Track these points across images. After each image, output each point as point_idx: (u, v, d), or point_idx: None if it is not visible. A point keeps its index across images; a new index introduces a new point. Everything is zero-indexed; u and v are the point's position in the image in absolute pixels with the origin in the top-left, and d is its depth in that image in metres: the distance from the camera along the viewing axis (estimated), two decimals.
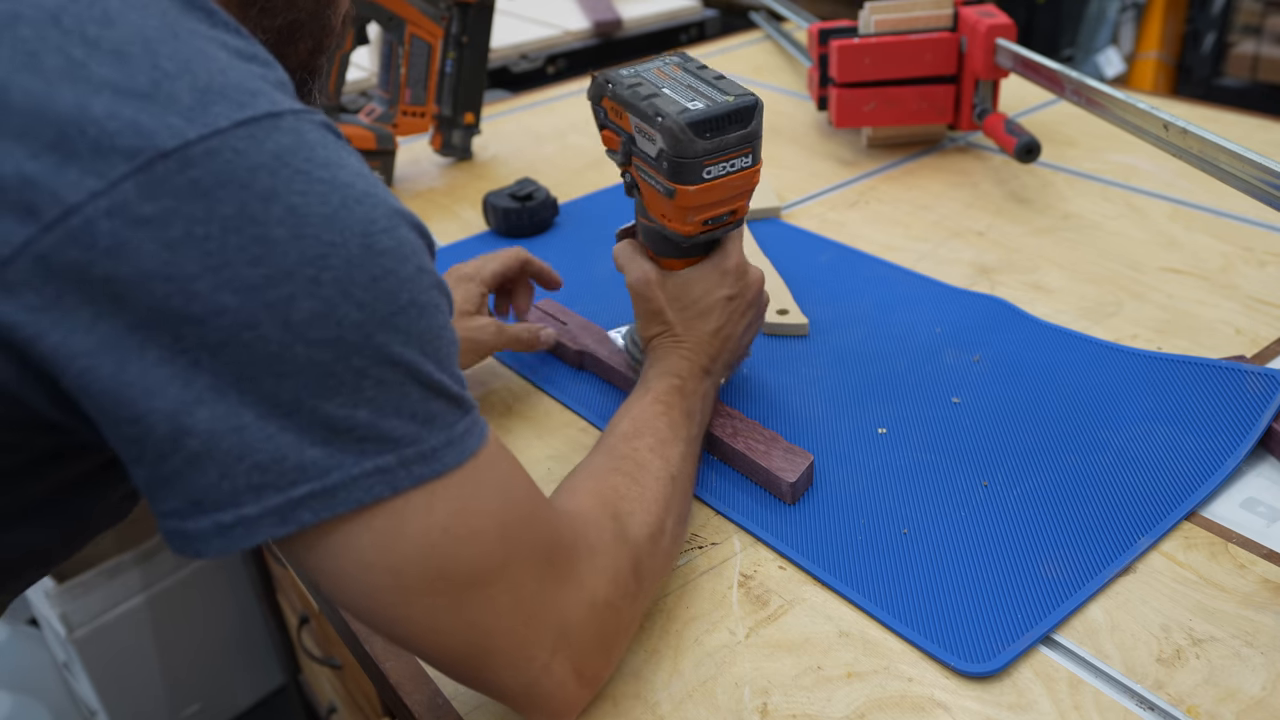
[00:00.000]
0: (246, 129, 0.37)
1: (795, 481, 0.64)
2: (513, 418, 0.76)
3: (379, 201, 0.40)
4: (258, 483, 0.38)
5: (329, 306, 0.38)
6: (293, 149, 0.38)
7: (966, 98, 1.12)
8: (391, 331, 0.39)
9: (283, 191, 0.37)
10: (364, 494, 0.39)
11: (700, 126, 0.58)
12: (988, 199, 1.05)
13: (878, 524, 0.63)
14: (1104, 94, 0.90)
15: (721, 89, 0.61)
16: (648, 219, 0.67)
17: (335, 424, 0.38)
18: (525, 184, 1.05)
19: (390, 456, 0.40)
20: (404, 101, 1.14)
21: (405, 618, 0.42)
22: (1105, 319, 0.83)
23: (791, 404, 0.75)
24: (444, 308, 0.43)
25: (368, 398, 0.39)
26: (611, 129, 0.65)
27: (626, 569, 0.50)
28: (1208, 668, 0.52)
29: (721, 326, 0.67)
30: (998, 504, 0.64)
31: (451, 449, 0.42)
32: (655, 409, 0.61)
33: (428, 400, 0.41)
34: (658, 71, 0.64)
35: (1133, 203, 1.02)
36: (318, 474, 0.38)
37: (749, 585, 0.59)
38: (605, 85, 0.64)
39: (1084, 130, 1.19)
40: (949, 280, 0.90)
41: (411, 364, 0.40)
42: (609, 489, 0.54)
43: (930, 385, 0.76)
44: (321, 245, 0.38)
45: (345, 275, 0.38)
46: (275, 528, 0.38)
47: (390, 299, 0.39)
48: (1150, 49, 2.61)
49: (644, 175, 0.64)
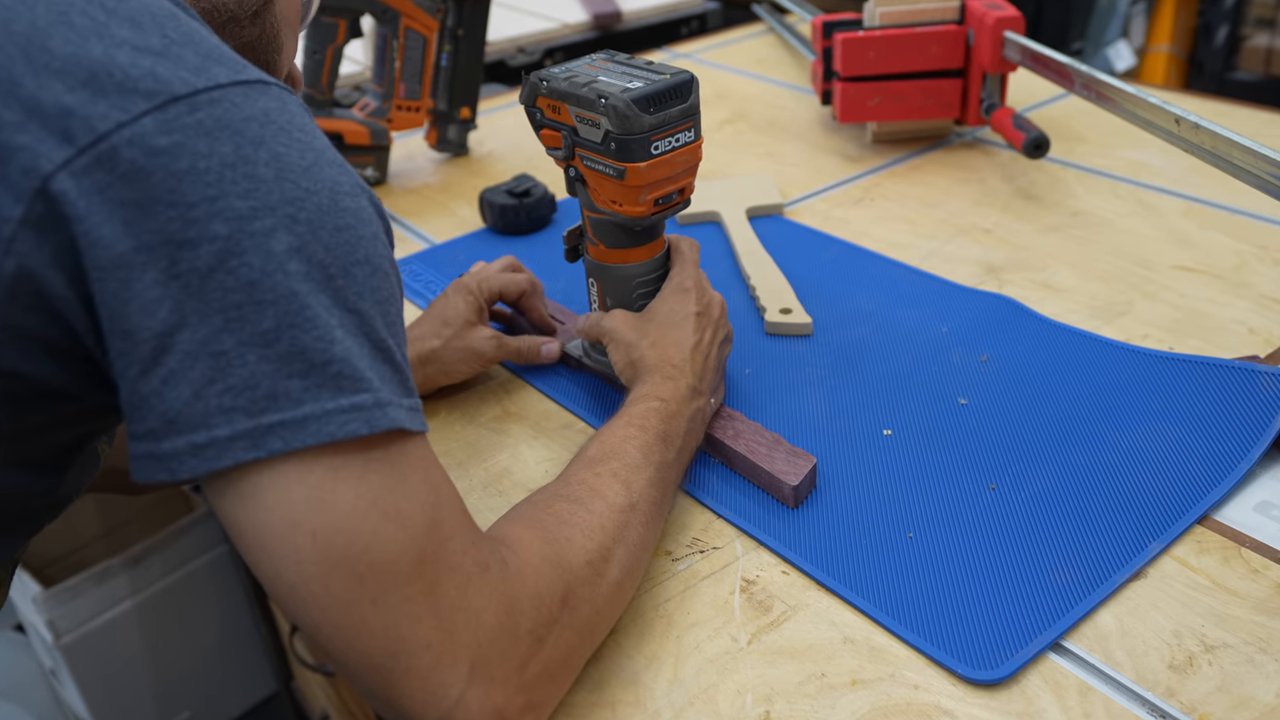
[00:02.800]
0: (242, 89, 0.44)
1: (798, 485, 0.64)
2: (509, 419, 0.76)
3: (346, 171, 0.46)
4: (229, 405, 0.41)
5: (303, 242, 0.42)
6: (279, 110, 0.44)
7: (974, 92, 1.12)
8: (349, 278, 0.43)
9: (270, 141, 0.43)
10: (338, 429, 0.42)
11: (644, 102, 0.61)
12: (995, 196, 1.05)
13: (883, 528, 0.63)
14: (1114, 88, 0.90)
15: (655, 70, 0.64)
16: (596, 211, 0.68)
17: (312, 356, 0.42)
18: (522, 180, 1.05)
19: (367, 395, 0.43)
20: (399, 96, 1.14)
21: (323, 603, 0.43)
22: (1116, 318, 0.83)
23: (795, 405, 0.75)
24: (395, 283, 0.47)
25: (338, 337, 0.43)
26: (550, 126, 0.67)
27: (554, 596, 0.49)
28: (1220, 675, 0.52)
29: (699, 342, 0.68)
30: (1005, 507, 0.64)
31: (396, 410, 0.44)
32: (626, 432, 0.60)
33: (376, 359, 0.44)
34: (588, 66, 0.67)
35: (1144, 199, 1.02)
36: (290, 405, 0.41)
37: (751, 590, 0.59)
38: (540, 84, 0.66)
39: (1094, 125, 1.19)
40: (956, 279, 0.90)
41: (364, 315, 0.44)
42: (549, 515, 0.53)
43: (937, 386, 0.76)
44: (299, 190, 0.43)
45: (316, 219, 0.43)
46: (245, 451, 0.41)
47: (350, 249, 0.44)
48: (1161, 42, 2.61)
49: (590, 164, 0.66)
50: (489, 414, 0.77)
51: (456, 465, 0.71)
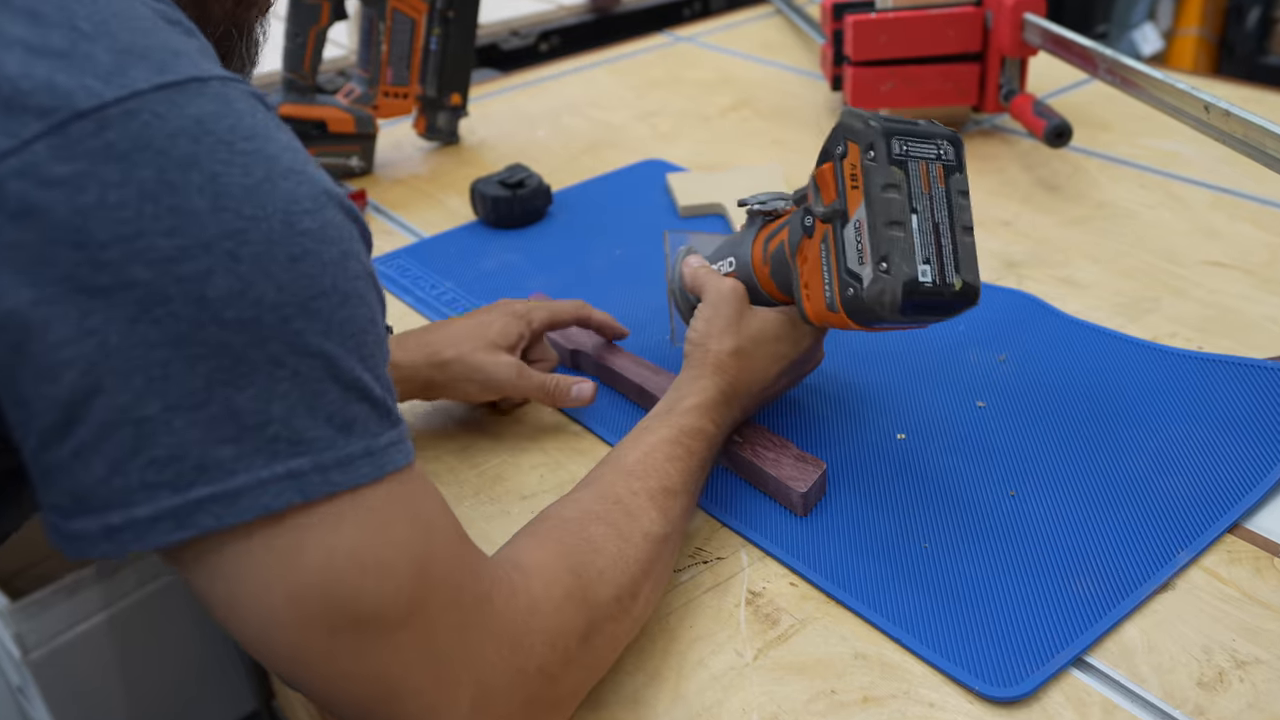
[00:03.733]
0: (167, 93, 0.38)
1: (807, 491, 0.64)
2: (502, 422, 0.76)
3: (306, 179, 0.40)
4: (153, 481, 0.37)
5: (246, 284, 0.38)
6: (217, 116, 0.38)
7: (992, 77, 1.12)
8: (309, 317, 0.39)
9: (204, 160, 0.37)
10: (272, 500, 0.38)
11: (911, 304, 0.55)
12: (1015, 186, 1.05)
13: (896, 537, 0.63)
14: (1140, 73, 0.90)
15: (960, 256, 0.56)
16: (791, 261, 0.63)
17: (245, 419, 0.38)
18: (516, 170, 1.05)
19: (304, 460, 0.39)
20: (385, 81, 1.14)
21: (303, 658, 0.41)
22: (1142, 316, 0.83)
23: (803, 408, 0.75)
24: (372, 301, 0.42)
25: (282, 392, 0.39)
26: (835, 178, 0.59)
27: (573, 635, 0.48)
28: (1252, 692, 0.52)
29: (769, 385, 0.67)
30: (1025, 515, 0.64)
31: (369, 461, 0.41)
32: (673, 451, 0.59)
33: (347, 402, 0.40)
34: (923, 173, 0.57)
35: (1172, 190, 1.02)
36: (222, 475, 0.38)
37: (757, 603, 0.59)
38: (868, 145, 0.57)
39: (1119, 112, 1.19)
40: None
41: (331, 357, 0.40)
42: (581, 540, 0.51)
43: (953, 387, 0.76)
44: (241, 219, 0.38)
45: (264, 252, 0.38)
46: (170, 533, 0.38)
47: (309, 282, 0.39)
48: (1190, 25, 2.61)
49: (823, 255, 0.59)
50: (482, 417, 0.77)
51: (447, 470, 0.71)
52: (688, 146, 1.21)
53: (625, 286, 0.90)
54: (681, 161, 1.16)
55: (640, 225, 1.02)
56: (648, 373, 0.76)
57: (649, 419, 0.63)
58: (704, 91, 1.37)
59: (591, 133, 1.27)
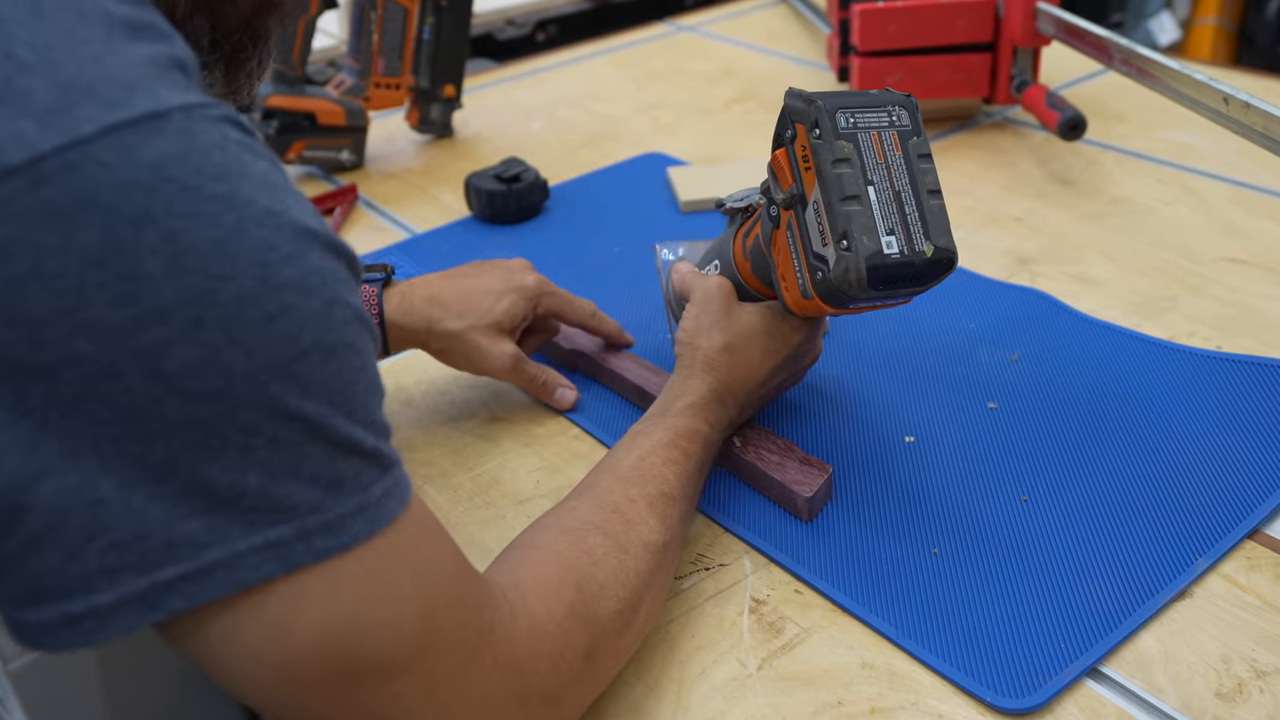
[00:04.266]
0: (119, 136, 0.34)
1: (813, 496, 0.64)
2: (496, 424, 0.76)
3: (284, 221, 0.37)
4: (113, 565, 0.35)
5: (212, 354, 0.35)
6: (179, 158, 0.35)
7: (1004, 68, 1.12)
8: (289, 381, 0.37)
9: (160, 214, 0.34)
10: (250, 574, 0.37)
11: (879, 277, 0.55)
12: (1027, 181, 1.05)
13: (904, 543, 0.63)
14: (1157, 64, 0.90)
15: (928, 221, 0.56)
16: (767, 252, 0.64)
17: (217, 491, 0.36)
18: (512, 164, 1.05)
19: (286, 528, 0.37)
20: (377, 72, 1.14)
21: (298, 712, 0.40)
22: (1159, 314, 0.83)
23: (808, 409, 0.75)
24: (362, 346, 0.40)
25: (259, 459, 0.36)
26: (790, 164, 0.60)
27: (576, 653, 0.48)
28: (1273, 703, 0.52)
29: (764, 381, 0.67)
30: (1038, 520, 0.64)
31: (363, 516, 0.39)
32: (669, 454, 0.59)
33: (334, 460, 0.38)
34: (875, 142, 0.56)
35: (1189, 185, 1.02)
36: (191, 551, 0.36)
37: (761, 611, 0.59)
38: (813, 124, 0.57)
39: (1135, 104, 1.19)
40: (984, 272, 0.90)
41: (315, 418, 0.37)
42: (581, 553, 0.51)
43: (963, 388, 0.76)
44: (207, 279, 0.35)
45: (235, 315, 0.35)
46: (136, 616, 0.36)
47: (289, 343, 0.36)
48: (1208, 14, 2.61)
49: (790, 243, 0.60)
50: (476, 418, 0.77)
51: (440, 475, 0.71)
52: (689, 140, 1.21)
53: (624, 284, 0.90)
54: (683, 155, 1.16)
55: (640, 221, 1.02)
56: (649, 374, 0.76)
57: (643, 421, 0.63)
58: (706, 83, 1.37)
59: (590, 125, 1.27)
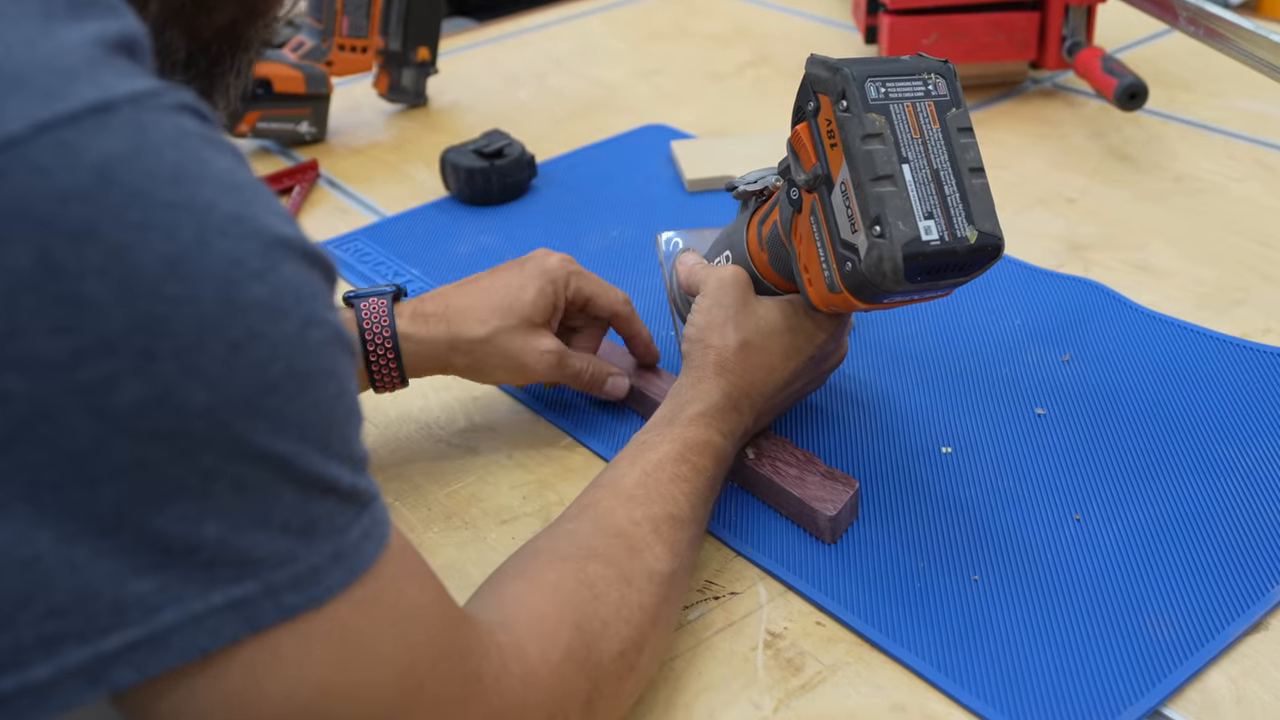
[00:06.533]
0: (55, 134, 0.33)
1: (836, 515, 0.64)
2: (476, 432, 0.76)
3: (251, 230, 0.36)
4: (51, 634, 0.34)
5: (165, 389, 0.34)
6: (128, 158, 0.33)
7: (1054, 28, 1.12)
8: (257, 417, 0.36)
9: (106, 227, 0.33)
10: (209, 639, 0.36)
11: (917, 268, 0.54)
12: (1080, 156, 1.05)
13: (941, 568, 0.63)
14: (1227, 23, 0.90)
15: (970, 203, 0.55)
16: (787, 240, 0.63)
17: (171, 544, 0.35)
18: (494, 138, 1.05)
19: (251, 584, 0.36)
20: (340, 33, 1.14)
21: None
22: (1229, 309, 0.83)
23: (831, 416, 0.75)
24: (341, 369, 0.39)
25: (220, 507, 0.35)
26: (814, 140, 0.59)
27: (575, 702, 0.48)
28: None
29: (784, 386, 0.67)
30: (1092, 542, 0.64)
31: (338, 566, 0.39)
32: (678, 470, 0.59)
33: (307, 502, 0.38)
34: (910, 115, 0.56)
35: (1263, 160, 1.02)
36: (142, 614, 0.35)
37: (778, 646, 0.59)
38: (839, 94, 0.56)
39: (1202, 70, 1.19)
40: (1031, 260, 0.90)
41: (285, 457, 0.37)
42: (579, 585, 0.51)
43: (1007, 393, 0.76)
44: (161, 303, 0.33)
45: (192, 344, 0.34)
46: (78, 693, 0.35)
47: (257, 373, 0.35)
48: None
49: (814, 230, 0.60)
50: (453, 427, 0.77)
51: (412, 490, 0.71)
52: (696, 110, 1.21)
53: (622, 273, 0.90)
54: (689, 128, 1.16)
55: (640, 203, 1.02)
56: (650, 375, 0.76)
57: (647, 431, 0.63)
58: (716, 45, 1.37)
59: (583, 93, 1.27)
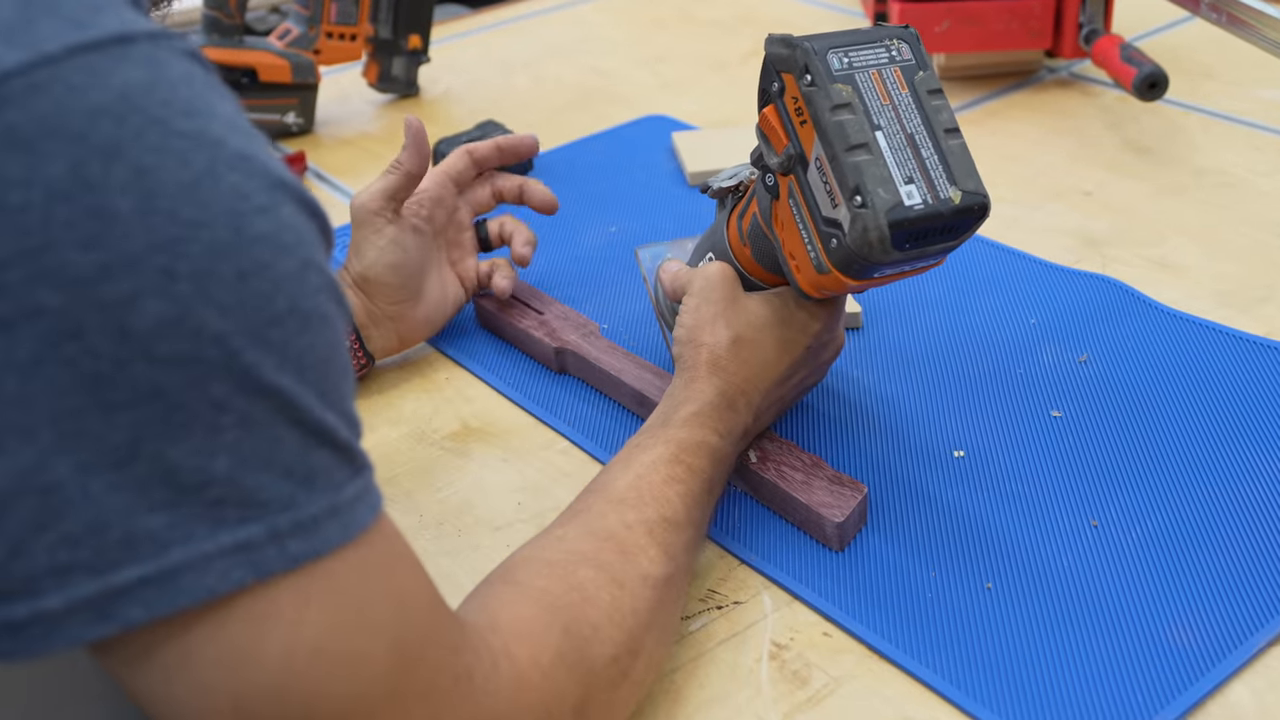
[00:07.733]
0: (85, 57, 0.35)
1: (844, 521, 0.64)
2: (471, 437, 0.76)
3: (257, 168, 0.38)
4: (65, 562, 0.35)
5: (182, 310, 0.36)
6: (147, 88, 0.36)
7: (1070, 15, 1.12)
8: (263, 348, 0.37)
9: (130, 147, 0.35)
10: (218, 580, 0.37)
11: (904, 234, 0.55)
12: (1098, 148, 1.05)
13: (953, 576, 0.63)
14: (1251, 9, 0.90)
15: (950, 164, 0.56)
16: (769, 230, 0.64)
17: (183, 479, 0.36)
18: (488, 128, 1.05)
19: (256, 526, 0.38)
20: (329, 20, 1.14)
21: None
22: (1253, 306, 0.83)
23: (838, 419, 0.75)
24: (336, 321, 0.41)
25: (229, 442, 0.37)
26: (782, 122, 0.60)
27: (565, 707, 0.48)
28: None
29: (781, 381, 0.67)
30: (1110, 550, 0.64)
31: (335, 520, 0.40)
32: (672, 471, 0.59)
33: (307, 449, 0.39)
34: (876, 82, 0.57)
35: None
36: (153, 550, 0.36)
37: (783, 657, 0.59)
38: (802, 69, 0.57)
39: (1225, 58, 1.19)
40: (1046, 256, 0.90)
41: (288, 395, 0.38)
42: (570, 588, 0.51)
43: (1022, 394, 0.76)
44: (179, 225, 0.36)
45: (207, 268, 0.36)
46: (89, 627, 0.36)
47: (263, 303, 0.37)
48: None
49: (795, 213, 0.60)
50: (444, 430, 0.77)
51: (402, 496, 0.71)
52: (698, 100, 1.21)
53: (621, 269, 0.90)
54: (690, 118, 1.16)
55: (640, 195, 1.03)
56: (650, 376, 0.76)
57: (641, 434, 0.63)
58: (719, 32, 1.37)
59: (581, 83, 1.27)
